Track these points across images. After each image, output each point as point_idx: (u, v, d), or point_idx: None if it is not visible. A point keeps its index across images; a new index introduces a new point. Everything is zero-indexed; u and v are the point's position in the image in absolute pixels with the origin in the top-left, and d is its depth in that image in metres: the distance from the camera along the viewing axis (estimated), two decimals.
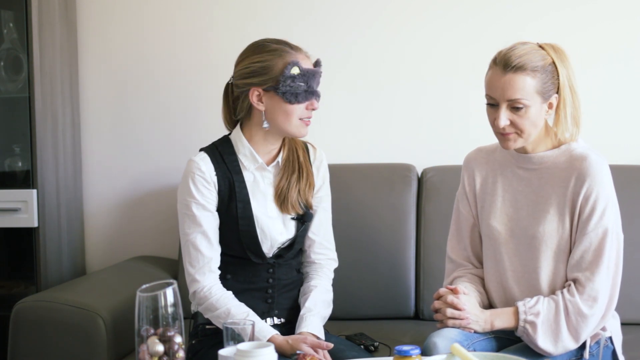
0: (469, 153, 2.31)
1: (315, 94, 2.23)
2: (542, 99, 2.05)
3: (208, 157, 2.26)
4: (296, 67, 2.18)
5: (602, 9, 2.97)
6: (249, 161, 2.27)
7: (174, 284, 1.60)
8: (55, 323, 2.50)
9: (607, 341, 2.14)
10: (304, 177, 2.32)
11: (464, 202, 2.28)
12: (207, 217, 2.24)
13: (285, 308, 2.33)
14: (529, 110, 2.03)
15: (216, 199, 2.25)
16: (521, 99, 2.02)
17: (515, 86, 2.02)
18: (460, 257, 2.28)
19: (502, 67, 2.03)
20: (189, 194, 2.23)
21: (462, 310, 2.03)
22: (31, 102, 2.91)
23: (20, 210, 2.91)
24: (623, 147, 2.94)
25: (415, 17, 3.08)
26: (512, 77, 2.02)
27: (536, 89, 2.03)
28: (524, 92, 2.02)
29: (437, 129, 3.08)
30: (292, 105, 2.20)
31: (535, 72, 2.02)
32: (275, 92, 2.19)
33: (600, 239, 2.04)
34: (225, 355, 1.72)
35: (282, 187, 2.29)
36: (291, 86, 2.18)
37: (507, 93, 2.03)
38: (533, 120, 2.05)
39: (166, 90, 3.22)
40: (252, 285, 2.29)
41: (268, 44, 2.24)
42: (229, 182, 2.25)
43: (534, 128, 2.07)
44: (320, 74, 2.25)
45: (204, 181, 2.23)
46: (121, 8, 3.24)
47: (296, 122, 2.22)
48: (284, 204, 2.28)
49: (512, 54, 2.03)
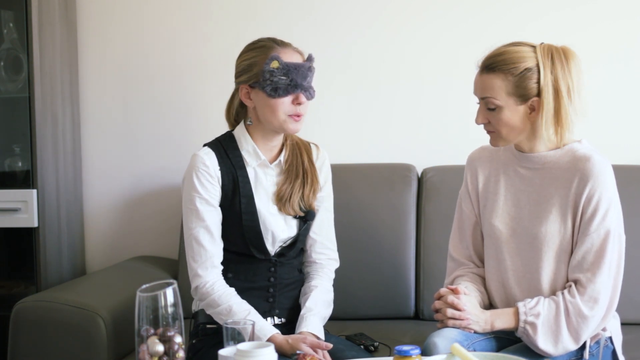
0: (473, 151, 2.31)
1: (300, 88, 2.21)
2: (518, 101, 2.05)
3: (212, 152, 2.26)
4: (276, 61, 2.19)
5: (602, 9, 2.97)
6: (252, 157, 2.28)
7: (174, 284, 1.60)
8: (55, 323, 2.50)
9: (607, 341, 2.14)
10: (309, 182, 2.32)
11: (466, 201, 2.28)
12: (210, 212, 2.24)
13: (286, 308, 2.33)
14: (502, 110, 2.06)
15: (219, 193, 2.25)
16: (491, 98, 2.06)
17: (484, 86, 2.08)
18: (462, 256, 2.28)
19: (480, 67, 2.10)
20: (193, 188, 2.23)
21: (463, 311, 2.03)
22: (31, 102, 2.91)
23: (20, 210, 2.91)
24: (623, 147, 2.94)
25: (415, 17, 3.08)
26: (484, 77, 2.08)
27: (507, 91, 2.05)
28: (493, 92, 2.06)
29: (437, 129, 3.08)
30: (275, 100, 2.20)
31: (507, 74, 2.04)
32: (259, 87, 2.21)
33: (602, 240, 2.04)
34: (225, 355, 1.72)
35: (285, 190, 2.29)
36: (272, 80, 2.19)
37: (479, 92, 2.10)
38: (506, 121, 2.07)
39: (166, 91, 3.22)
40: (253, 284, 2.29)
41: (257, 41, 2.28)
42: (233, 177, 2.26)
43: (510, 129, 2.08)
44: (308, 68, 2.23)
45: (207, 176, 2.23)
46: (121, 8, 3.24)
47: (283, 117, 2.22)
48: (284, 206, 2.29)
49: (491, 54, 2.09)
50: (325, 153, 2.42)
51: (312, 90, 2.25)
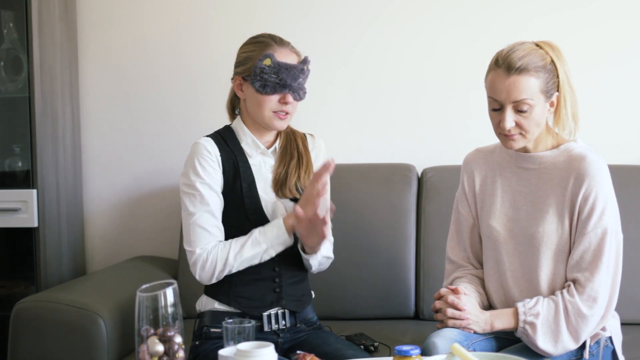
0: (468, 154, 2.31)
1: (288, 88, 2.24)
2: (546, 98, 2.06)
3: (212, 140, 2.30)
4: (268, 59, 2.22)
5: (602, 9, 2.97)
6: (252, 148, 2.32)
7: (174, 284, 1.60)
8: (55, 323, 2.50)
9: (607, 341, 2.14)
10: (304, 164, 2.34)
11: (463, 203, 2.28)
12: (214, 197, 2.26)
13: (293, 299, 2.32)
14: (533, 110, 2.04)
15: (221, 179, 2.28)
16: (527, 99, 2.02)
17: (521, 87, 2.02)
18: (460, 258, 2.28)
19: (505, 69, 2.03)
20: (196, 173, 2.25)
21: (463, 311, 2.03)
22: (31, 102, 2.91)
23: (20, 210, 2.91)
24: (622, 147, 2.94)
25: (415, 17, 3.08)
26: (516, 78, 2.02)
27: (540, 89, 2.03)
28: (530, 93, 2.02)
29: (437, 129, 3.08)
30: (262, 96, 2.24)
31: (538, 72, 2.02)
32: (250, 81, 2.25)
33: (599, 239, 2.04)
34: (225, 355, 1.72)
35: (280, 172, 2.32)
36: (262, 77, 2.22)
37: (513, 95, 2.03)
38: (537, 120, 2.06)
39: (166, 90, 3.22)
40: (258, 276, 2.29)
41: (258, 36, 2.32)
42: (234, 163, 2.28)
43: (537, 127, 2.07)
44: (300, 70, 2.25)
45: (210, 161, 2.26)
46: (121, 8, 3.24)
47: (268, 113, 2.26)
48: (282, 188, 2.31)
49: (514, 55, 2.03)
50: (321, 141, 2.44)
51: (302, 92, 2.28)
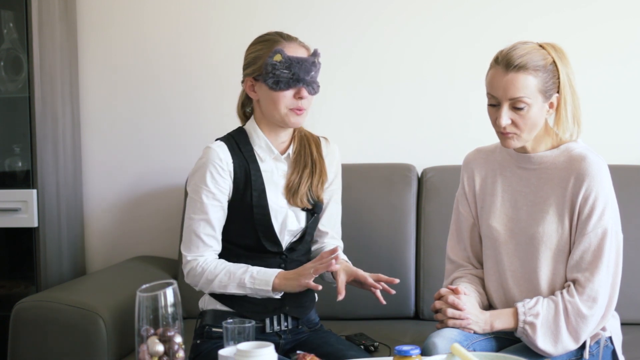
0: (468, 154, 2.31)
1: (302, 82, 2.22)
2: (544, 99, 2.05)
3: (225, 146, 2.27)
4: (278, 55, 2.20)
5: (602, 9, 2.97)
6: (265, 152, 2.29)
7: (174, 284, 1.60)
8: (55, 323, 2.50)
9: (607, 341, 2.14)
10: (317, 172, 2.33)
11: (463, 203, 2.28)
12: (215, 207, 2.24)
13: (297, 306, 2.31)
14: (530, 109, 2.04)
15: (230, 188, 2.26)
16: (523, 98, 2.02)
17: (517, 85, 2.02)
18: (460, 258, 2.28)
19: (504, 67, 2.04)
20: (203, 181, 2.23)
21: (463, 311, 2.03)
22: (31, 102, 2.90)
23: (20, 210, 2.91)
24: (622, 147, 2.94)
25: (415, 17, 3.08)
26: (514, 76, 2.02)
27: (538, 88, 2.03)
28: (526, 91, 2.02)
29: (437, 129, 3.08)
30: (277, 93, 2.21)
31: (537, 71, 2.02)
32: (262, 80, 2.22)
33: (599, 240, 2.04)
34: (225, 355, 1.72)
35: (293, 180, 2.30)
36: (274, 73, 2.20)
37: (509, 92, 2.03)
38: (534, 120, 2.05)
39: (166, 91, 3.22)
40: None
41: (264, 35, 2.29)
42: (245, 170, 2.26)
43: (534, 127, 2.07)
44: (312, 62, 2.24)
45: (220, 169, 2.24)
46: (121, 8, 3.24)
47: (284, 110, 2.23)
48: (294, 197, 2.29)
49: (514, 53, 2.03)
50: (335, 146, 2.42)
51: (316, 85, 2.26)
